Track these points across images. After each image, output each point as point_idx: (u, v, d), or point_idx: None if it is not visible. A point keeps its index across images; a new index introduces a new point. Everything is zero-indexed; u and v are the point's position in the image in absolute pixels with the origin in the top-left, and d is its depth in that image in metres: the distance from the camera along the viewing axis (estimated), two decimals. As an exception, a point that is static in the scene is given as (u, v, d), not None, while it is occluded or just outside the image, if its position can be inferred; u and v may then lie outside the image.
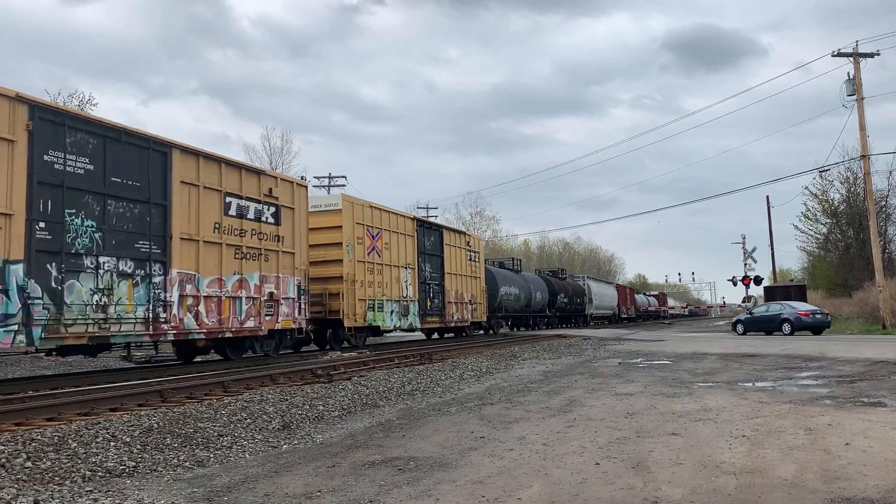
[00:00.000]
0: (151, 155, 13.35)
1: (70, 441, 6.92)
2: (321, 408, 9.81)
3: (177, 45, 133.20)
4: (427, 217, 46.30)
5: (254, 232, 16.07)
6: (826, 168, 40.32)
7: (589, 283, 55.34)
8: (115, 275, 12.35)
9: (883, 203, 46.90)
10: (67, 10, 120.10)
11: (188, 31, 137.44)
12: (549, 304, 43.04)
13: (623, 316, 66.98)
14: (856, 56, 30.70)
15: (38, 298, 10.89)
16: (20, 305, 10.59)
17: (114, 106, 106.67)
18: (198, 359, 17.67)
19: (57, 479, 5.88)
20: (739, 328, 31.40)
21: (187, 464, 6.66)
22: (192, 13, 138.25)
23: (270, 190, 16.72)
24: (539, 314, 42.16)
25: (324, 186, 46.39)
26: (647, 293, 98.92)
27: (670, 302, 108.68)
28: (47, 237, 11.20)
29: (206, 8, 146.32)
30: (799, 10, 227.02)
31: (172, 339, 14.08)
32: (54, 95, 30.93)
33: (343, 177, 47.05)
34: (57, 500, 5.17)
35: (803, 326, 28.34)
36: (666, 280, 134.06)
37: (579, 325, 50.25)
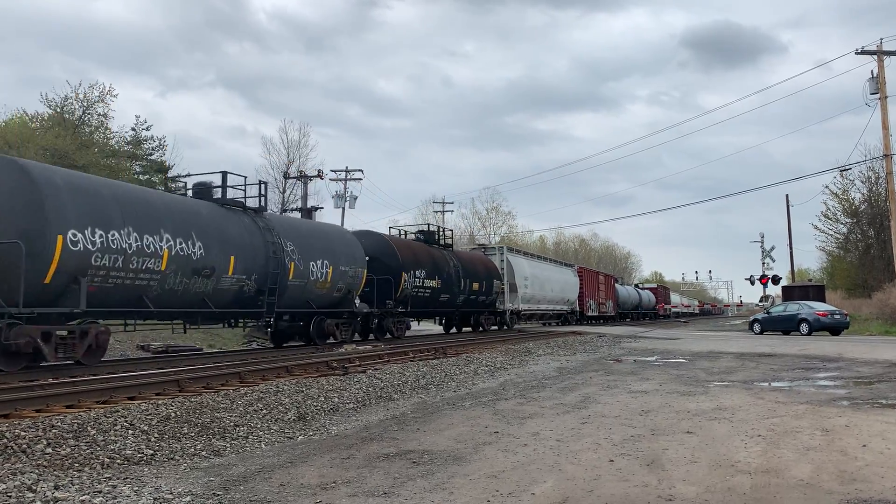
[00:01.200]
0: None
1: (89, 428, 7.02)
2: (336, 400, 9.87)
3: (194, 38, 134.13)
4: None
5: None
6: (847, 167, 39.95)
7: (511, 258, 34.26)
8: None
9: (905, 203, 46.26)
10: (87, 3, 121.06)
11: (205, 23, 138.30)
12: (373, 292, 22.21)
13: (590, 314, 48.29)
14: (880, 54, 30.33)
15: None
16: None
17: (132, 98, 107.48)
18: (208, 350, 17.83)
19: (76, 465, 5.97)
20: (756, 328, 31.17)
21: (204, 453, 6.73)
22: (210, 6, 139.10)
23: None
24: (333, 309, 20.27)
25: (340, 180, 46.50)
26: (641, 285, 79.87)
27: (674, 299, 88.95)
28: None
29: (222, 1, 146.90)
30: (820, 8, 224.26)
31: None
32: (75, 86, 31.14)
33: (360, 170, 47.04)
34: (77, 486, 5.24)
35: (821, 327, 28.09)
36: (683, 278, 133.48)
37: (484, 329, 31.70)
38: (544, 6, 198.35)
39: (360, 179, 47.06)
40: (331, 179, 46.73)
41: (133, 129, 33.11)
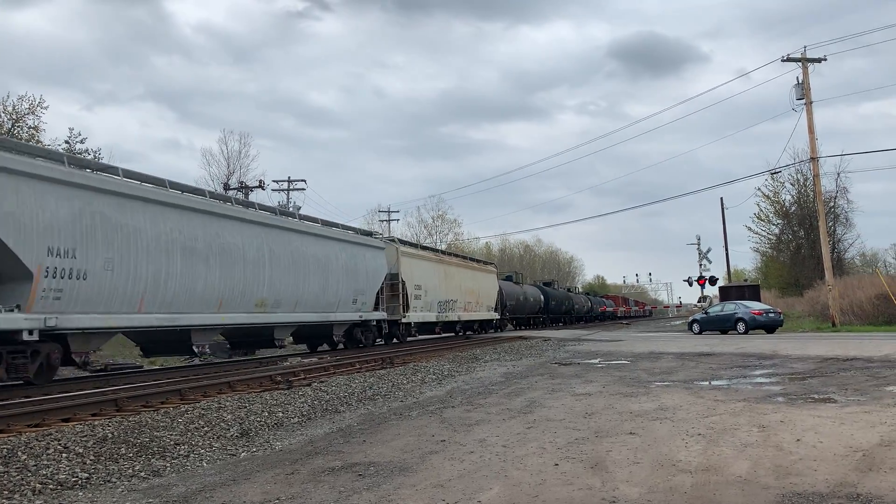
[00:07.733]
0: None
1: (19, 453, 6.73)
2: (280, 414, 9.71)
3: (119, 51, 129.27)
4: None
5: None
6: (777, 170, 41.46)
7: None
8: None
9: (832, 204, 48.31)
10: (4, 15, 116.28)
11: (130, 36, 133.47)
12: None
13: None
14: (804, 61, 31.54)
15: None
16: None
17: (58, 112, 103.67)
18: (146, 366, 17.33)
19: (6, 492, 5.71)
20: (695, 328, 31.92)
21: (143, 474, 6.53)
22: (132, 20, 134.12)
23: None
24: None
25: (283, 191, 45.92)
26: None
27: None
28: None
29: (146, 14, 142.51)
30: (734, 19, 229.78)
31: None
32: (3, 98, 30.06)
33: (303, 180, 46.54)
34: (5, 515, 5.02)
35: (757, 325, 28.97)
36: (624, 281, 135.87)
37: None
38: (469, 17, 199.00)
39: (304, 189, 46.62)
40: (273, 190, 46.13)
41: (67, 142, 31.91)
